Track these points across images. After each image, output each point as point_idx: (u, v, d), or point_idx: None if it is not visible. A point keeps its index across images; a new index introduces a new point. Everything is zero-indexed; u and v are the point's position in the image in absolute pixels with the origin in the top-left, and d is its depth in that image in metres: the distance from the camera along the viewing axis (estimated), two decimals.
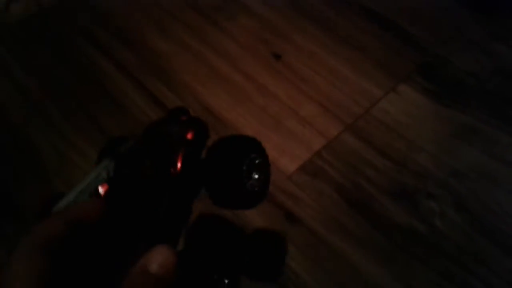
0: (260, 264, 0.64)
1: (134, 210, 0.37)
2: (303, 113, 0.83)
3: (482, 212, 0.71)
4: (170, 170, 0.39)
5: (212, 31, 0.98)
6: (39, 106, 0.86)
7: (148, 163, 0.40)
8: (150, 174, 0.40)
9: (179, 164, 0.40)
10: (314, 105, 0.84)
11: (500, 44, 0.94)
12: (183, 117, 0.46)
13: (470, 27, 0.97)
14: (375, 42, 0.95)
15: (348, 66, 0.91)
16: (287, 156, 0.77)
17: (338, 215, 0.71)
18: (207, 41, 0.96)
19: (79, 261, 0.31)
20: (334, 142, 0.79)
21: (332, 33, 0.97)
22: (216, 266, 0.47)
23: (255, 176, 0.44)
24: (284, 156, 0.77)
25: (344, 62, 0.91)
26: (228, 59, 0.92)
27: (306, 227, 0.70)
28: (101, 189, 0.38)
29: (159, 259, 0.28)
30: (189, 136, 0.41)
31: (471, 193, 0.73)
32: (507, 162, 0.77)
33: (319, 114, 0.83)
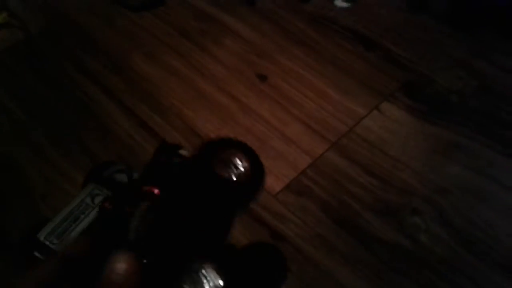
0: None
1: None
2: (288, 132, 0.84)
3: (467, 227, 0.72)
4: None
5: (198, 55, 0.99)
6: (26, 132, 0.87)
7: None
8: None
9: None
10: (299, 124, 0.85)
11: (481, 61, 0.96)
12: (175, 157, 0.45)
13: (452, 45, 0.99)
14: (359, 63, 0.97)
15: (333, 86, 0.92)
16: (273, 175, 0.78)
17: (323, 233, 0.71)
18: (193, 64, 0.97)
19: None
20: (319, 160, 0.80)
21: (317, 54, 0.99)
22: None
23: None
24: (270, 175, 0.78)
25: (329, 82, 0.93)
26: (214, 81, 0.94)
27: (292, 244, 0.70)
28: None
29: (123, 267, 0.29)
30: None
31: (455, 208, 0.74)
32: (490, 177, 0.78)
33: (304, 133, 0.84)
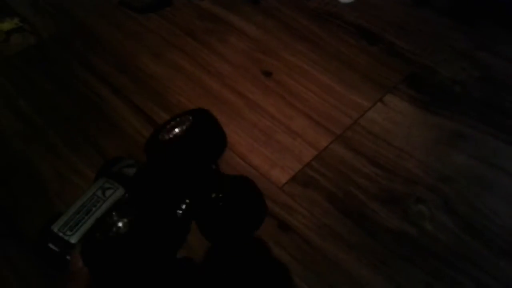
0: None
1: None
2: (293, 126, 0.86)
3: (472, 214, 0.73)
4: None
5: (204, 53, 1.01)
6: (39, 132, 0.89)
7: None
8: None
9: None
10: (304, 118, 0.87)
11: (484, 52, 0.97)
12: None
13: (454, 37, 1.00)
14: (363, 57, 0.98)
15: (337, 80, 0.93)
16: (279, 168, 0.79)
17: (330, 222, 0.72)
18: (199, 62, 0.99)
19: None
20: (324, 152, 0.81)
21: (321, 50, 1.00)
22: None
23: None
24: (276, 168, 0.80)
25: (333, 76, 0.94)
26: (220, 78, 0.96)
27: (299, 234, 0.71)
28: None
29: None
30: None
31: (460, 196, 0.75)
32: (494, 165, 0.79)
33: (309, 126, 0.85)
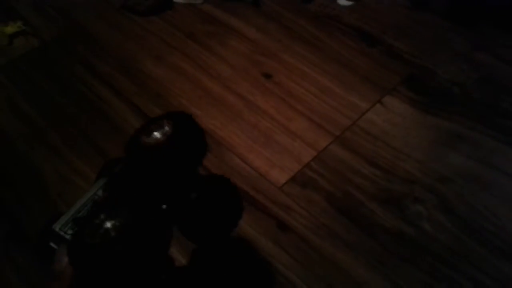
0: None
1: None
2: (293, 127, 0.87)
3: (469, 214, 0.73)
4: None
5: (205, 56, 1.02)
6: (42, 134, 0.90)
7: None
8: None
9: None
10: (303, 119, 0.88)
11: (483, 54, 0.98)
12: None
13: (453, 39, 1.01)
14: (362, 59, 0.99)
15: (336, 82, 0.94)
16: (278, 168, 0.80)
17: (328, 222, 0.73)
18: (200, 65, 1.00)
19: None
20: (323, 153, 0.82)
21: (320, 52, 1.01)
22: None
23: None
24: (275, 168, 0.80)
25: (332, 78, 0.95)
26: (221, 80, 0.97)
27: (298, 234, 0.72)
28: None
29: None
30: None
31: (457, 196, 0.76)
32: (493, 166, 0.79)
33: (308, 128, 0.86)
